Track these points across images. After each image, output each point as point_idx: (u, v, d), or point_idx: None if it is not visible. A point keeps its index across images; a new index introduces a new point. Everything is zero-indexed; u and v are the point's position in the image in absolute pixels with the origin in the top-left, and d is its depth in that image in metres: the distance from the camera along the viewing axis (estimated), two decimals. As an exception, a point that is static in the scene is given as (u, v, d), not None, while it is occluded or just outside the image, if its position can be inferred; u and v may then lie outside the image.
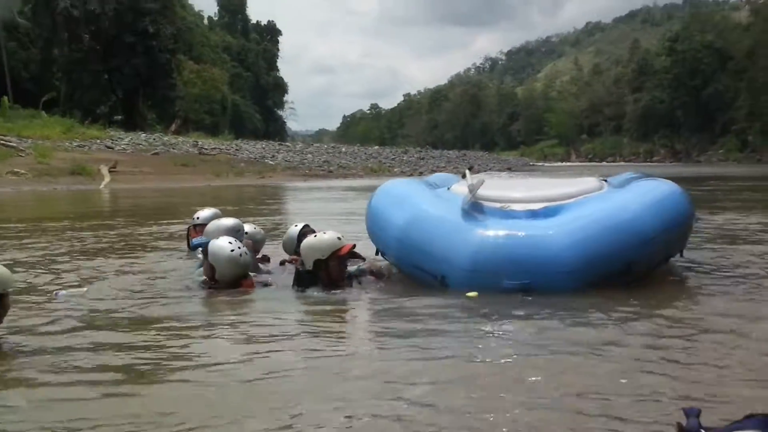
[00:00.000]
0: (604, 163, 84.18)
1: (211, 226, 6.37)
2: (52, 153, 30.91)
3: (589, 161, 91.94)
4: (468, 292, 5.19)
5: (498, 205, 5.91)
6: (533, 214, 5.72)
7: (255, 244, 6.51)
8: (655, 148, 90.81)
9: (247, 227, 6.63)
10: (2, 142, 31.55)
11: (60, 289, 5.79)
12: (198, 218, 7.19)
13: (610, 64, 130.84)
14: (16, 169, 26.98)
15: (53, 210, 17.67)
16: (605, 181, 6.66)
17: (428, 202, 6.20)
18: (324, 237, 5.61)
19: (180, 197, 22.09)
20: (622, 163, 79.79)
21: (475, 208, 5.81)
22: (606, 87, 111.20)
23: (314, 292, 5.52)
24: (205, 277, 5.82)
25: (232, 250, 5.52)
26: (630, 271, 5.44)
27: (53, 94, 54.77)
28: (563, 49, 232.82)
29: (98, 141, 39.05)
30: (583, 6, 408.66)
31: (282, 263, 6.71)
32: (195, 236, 6.84)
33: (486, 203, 5.91)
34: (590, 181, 6.55)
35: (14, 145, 31.86)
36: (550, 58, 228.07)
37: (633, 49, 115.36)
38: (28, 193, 23.33)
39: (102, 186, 26.90)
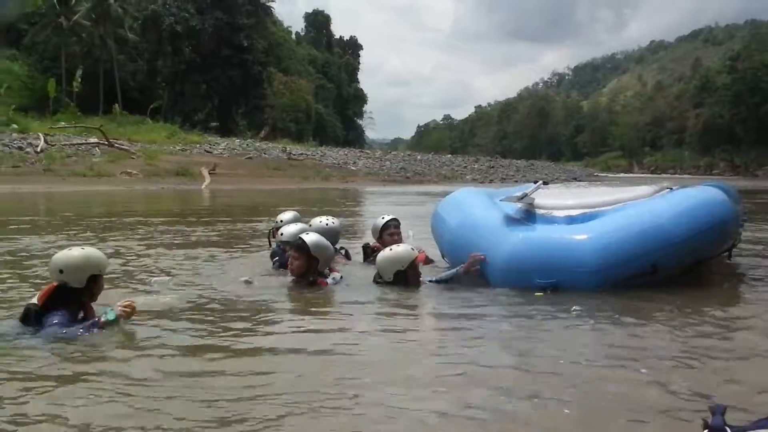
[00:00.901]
0: (665, 175, 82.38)
1: (312, 224, 6.64)
2: (158, 156, 32.37)
3: (651, 173, 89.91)
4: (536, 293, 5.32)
5: (542, 211, 6.20)
6: (571, 220, 5.97)
7: (332, 236, 6.53)
8: (715, 162, 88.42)
9: (325, 220, 6.76)
10: (116, 145, 33.13)
11: (153, 276, 6.05)
12: (281, 221, 7.13)
13: (673, 81, 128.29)
14: (128, 170, 28.38)
15: (162, 207, 18.58)
16: (670, 189, 6.50)
17: (479, 208, 6.49)
18: (400, 250, 5.73)
19: (274, 198, 22.83)
20: (684, 175, 78.13)
21: (521, 215, 6.16)
22: (668, 102, 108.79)
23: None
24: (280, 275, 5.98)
25: (326, 241, 5.76)
26: (655, 272, 5.49)
27: (159, 102, 56.72)
28: (628, 66, 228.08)
29: (198, 145, 40.58)
30: (647, 25, 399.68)
31: (366, 249, 6.99)
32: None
33: (535, 210, 6.24)
34: (643, 189, 6.49)
35: (126, 148, 33.43)
36: (615, 74, 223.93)
37: (695, 67, 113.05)
38: (140, 192, 24.52)
39: (203, 186, 28.03)
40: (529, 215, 6.21)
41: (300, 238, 5.70)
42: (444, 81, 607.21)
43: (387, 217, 6.93)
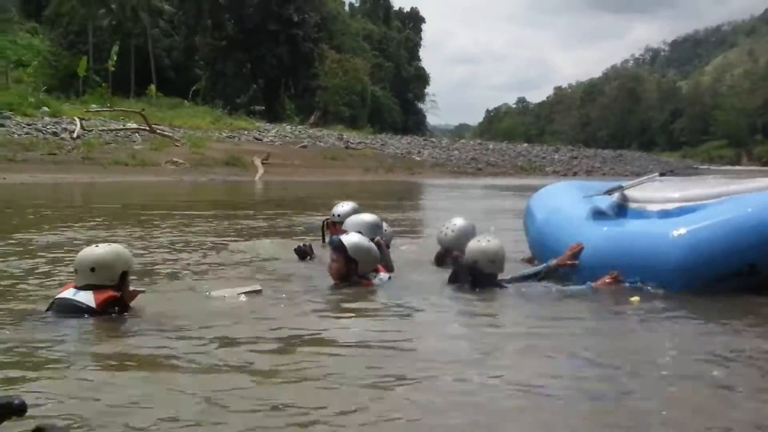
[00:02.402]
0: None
1: (350, 221, 6.78)
2: (204, 143, 33.54)
3: (763, 165, 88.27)
4: (631, 298, 5.54)
5: (636, 205, 6.59)
6: (664, 214, 6.25)
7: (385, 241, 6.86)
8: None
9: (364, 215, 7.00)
10: (158, 131, 34.44)
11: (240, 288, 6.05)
12: (338, 215, 7.37)
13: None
14: (174, 159, 29.54)
15: (217, 199, 19.55)
16: None
17: (567, 202, 6.97)
18: (497, 242, 6.05)
19: (336, 190, 23.45)
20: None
21: (612, 209, 6.64)
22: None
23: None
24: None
25: (369, 242, 6.01)
26: (754, 272, 5.59)
27: (201, 84, 57.96)
28: (736, 39, 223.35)
29: (246, 132, 41.77)
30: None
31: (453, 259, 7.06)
32: (335, 232, 6.95)
33: (628, 204, 6.67)
34: (762, 182, 6.44)
35: (169, 134, 34.72)
36: (721, 49, 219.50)
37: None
38: (189, 183, 25.57)
39: (257, 178, 28.99)
40: (620, 209, 6.67)
41: (338, 238, 6.03)
42: (518, 59, 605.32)
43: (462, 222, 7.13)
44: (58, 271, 6.71)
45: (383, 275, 6.12)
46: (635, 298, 5.48)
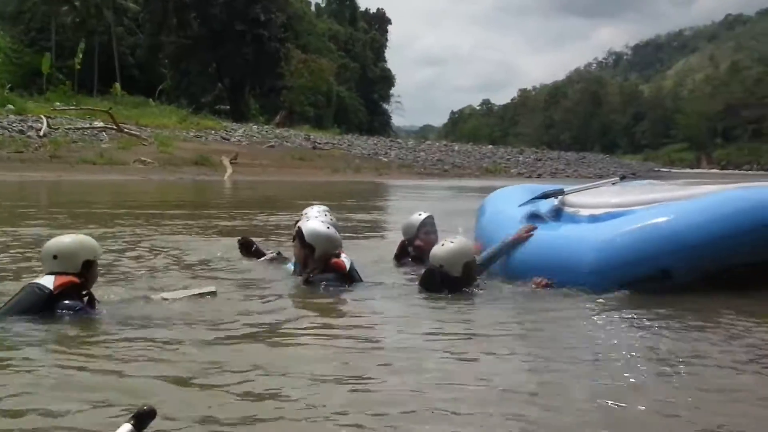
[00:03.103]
0: (738, 171, 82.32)
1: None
2: (172, 142, 33.73)
3: (722, 169, 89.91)
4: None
5: (571, 210, 6.92)
6: (593, 219, 6.52)
7: None
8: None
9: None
10: (126, 130, 34.53)
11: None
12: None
13: (752, 62, 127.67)
14: (142, 158, 29.70)
15: (186, 198, 19.74)
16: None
17: (511, 204, 7.27)
18: (465, 240, 6.23)
19: (305, 191, 23.74)
20: (760, 172, 78.24)
21: (548, 213, 6.96)
22: (746, 87, 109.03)
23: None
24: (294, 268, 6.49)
25: (328, 228, 6.09)
26: (668, 277, 5.75)
27: (168, 83, 57.90)
28: (697, 44, 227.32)
29: (213, 131, 41.97)
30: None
31: (404, 248, 7.37)
32: None
33: (566, 208, 7.01)
34: (705, 189, 6.58)
35: (136, 133, 34.83)
36: (682, 54, 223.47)
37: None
38: (158, 182, 25.74)
39: (225, 177, 29.26)
40: (556, 213, 7.08)
41: (298, 225, 6.30)
42: (483, 61, 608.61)
43: (424, 214, 7.32)
44: (20, 267, 6.85)
45: (345, 256, 6.16)
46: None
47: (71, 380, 3.57)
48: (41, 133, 30.98)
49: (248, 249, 7.51)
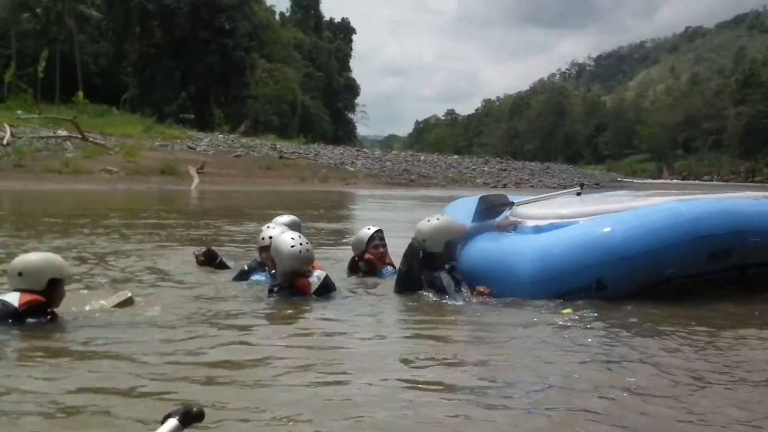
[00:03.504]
0: (698, 181, 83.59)
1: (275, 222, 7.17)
2: (137, 152, 33.64)
3: (683, 179, 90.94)
4: (563, 309, 5.71)
5: (519, 221, 6.94)
6: (537, 230, 6.59)
7: None
8: (757, 167, 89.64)
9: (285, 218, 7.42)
10: (91, 139, 34.38)
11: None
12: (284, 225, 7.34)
13: (711, 74, 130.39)
14: (108, 167, 29.61)
15: (155, 208, 19.57)
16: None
17: (465, 214, 7.27)
18: (449, 219, 6.54)
19: (273, 200, 23.88)
20: (719, 182, 79.63)
21: (498, 225, 6.99)
22: (705, 99, 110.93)
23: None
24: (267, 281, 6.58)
25: (293, 246, 5.93)
26: (603, 287, 5.94)
27: (134, 91, 57.63)
28: (658, 56, 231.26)
29: (179, 141, 41.90)
30: (682, 9, 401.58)
31: (355, 262, 7.42)
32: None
33: (515, 219, 7.02)
34: (650, 200, 6.86)
35: (101, 142, 34.69)
36: (644, 65, 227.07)
37: (738, 58, 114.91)
38: (124, 192, 25.68)
39: (192, 187, 29.26)
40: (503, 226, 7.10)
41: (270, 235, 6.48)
42: (447, 71, 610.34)
43: (373, 228, 7.42)
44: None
45: (320, 272, 6.18)
46: (567, 310, 5.65)
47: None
48: (5, 142, 30.77)
49: (212, 261, 7.60)
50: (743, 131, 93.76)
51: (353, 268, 7.39)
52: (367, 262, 7.24)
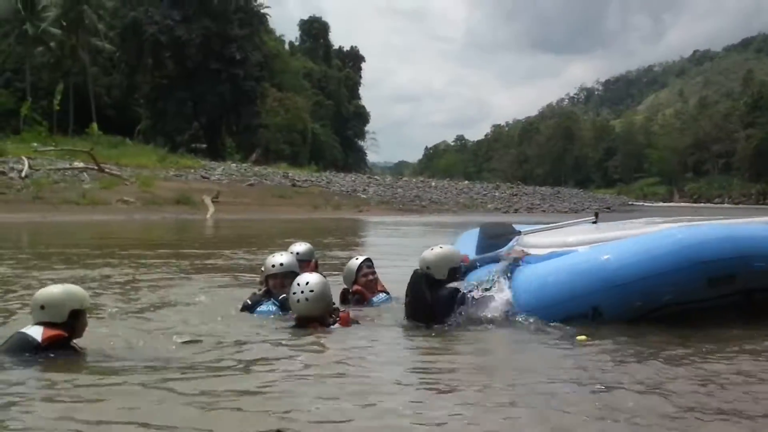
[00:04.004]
0: (710, 204, 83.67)
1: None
2: (153, 182, 34.15)
3: (694, 202, 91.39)
4: (578, 336, 5.72)
5: (528, 250, 6.95)
6: (538, 260, 6.67)
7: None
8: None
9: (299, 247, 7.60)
10: (107, 170, 34.92)
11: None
12: (298, 253, 7.47)
13: (720, 97, 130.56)
14: (125, 198, 30.09)
15: (172, 238, 20.09)
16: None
17: (468, 245, 7.65)
18: (452, 247, 6.76)
19: (288, 228, 24.10)
20: (731, 205, 79.74)
21: (506, 255, 6.94)
22: (714, 121, 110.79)
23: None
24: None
25: (294, 293, 5.95)
26: (599, 314, 6.02)
27: (147, 122, 58.29)
28: (667, 80, 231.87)
29: (193, 170, 42.41)
30: (689, 33, 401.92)
31: (345, 295, 7.37)
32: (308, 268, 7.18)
33: (523, 249, 7.00)
34: (647, 228, 7.03)
35: (117, 173, 35.22)
36: (652, 89, 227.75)
37: (746, 81, 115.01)
38: (141, 222, 26.08)
39: (208, 216, 29.69)
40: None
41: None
42: (457, 97, 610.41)
43: (360, 258, 7.51)
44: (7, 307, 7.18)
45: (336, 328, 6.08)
46: (582, 337, 5.65)
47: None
48: (23, 175, 31.26)
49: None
50: (753, 154, 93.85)
51: (344, 300, 7.30)
52: (357, 293, 7.28)
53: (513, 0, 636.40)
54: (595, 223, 8.18)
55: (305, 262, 7.35)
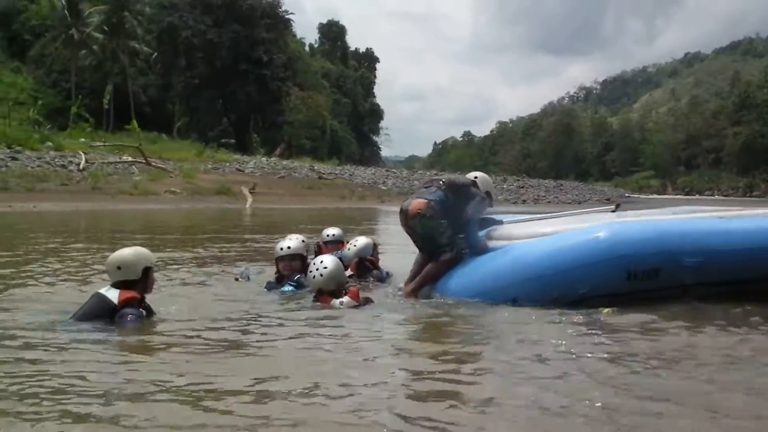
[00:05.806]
0: (700, 196, 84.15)
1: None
2: (195, 174, 35.34)
3: (686, 194, 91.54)
4: (604, 309, 5.63)
5: (492, 242, 6.73)
6: (492, 251, 6.57)
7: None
8: (755, 183, 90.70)
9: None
10: (153, 163, 36.22)
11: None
12: (331, 236, 8.18)
13: (710, 96, 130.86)
14: (172, 188, 31.35)
15: (220, 225, 20.79)
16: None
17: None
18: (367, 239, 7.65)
19: (324, 216, 24.82)
20: (721, 197, 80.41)
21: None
22: (704, 119, 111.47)
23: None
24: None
25: (310, 271, 6.33)
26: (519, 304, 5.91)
27: (185, 119, 59.53)
28: (660, 80, 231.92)
29: (228, 164, 43.63)
30: (681, 36, 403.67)
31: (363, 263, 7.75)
32: (326, 251, 7.60)
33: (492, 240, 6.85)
34: (587, 221, 6.65)
35: (163, 166, 36.50)
36: (647, 89, 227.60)
37: (734, 81, 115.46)
38: (188, 211, 27.01)
39: (247, 205, 30.89)
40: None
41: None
42: (463, 95, 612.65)
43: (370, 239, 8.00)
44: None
45: (345, 300, 6.13)
46: (607, 310, 5.59)
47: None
48: (80, 167, 32.57)
49: None
50: (741, 149, 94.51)
51: (361, 266, 7.67)
52: (371, 261, 7.78)
53: (516, 4, 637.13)
54: (614, 212, 7.63)
55: (340, 243, 8.04)
